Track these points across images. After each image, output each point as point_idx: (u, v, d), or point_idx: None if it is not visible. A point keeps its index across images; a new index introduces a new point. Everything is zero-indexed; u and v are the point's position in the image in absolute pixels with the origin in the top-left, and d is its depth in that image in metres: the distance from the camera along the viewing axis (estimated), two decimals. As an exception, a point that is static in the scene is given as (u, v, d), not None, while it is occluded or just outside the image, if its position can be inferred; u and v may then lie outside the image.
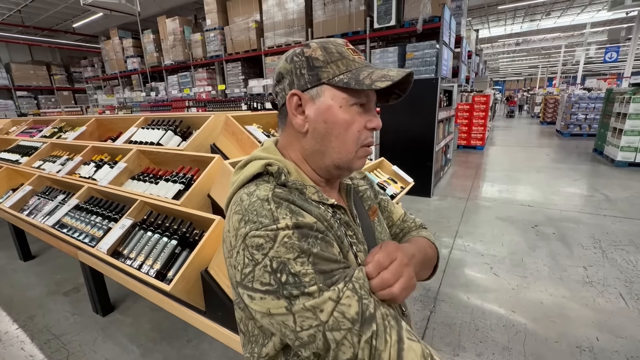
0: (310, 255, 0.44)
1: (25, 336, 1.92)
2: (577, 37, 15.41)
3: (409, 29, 4.37)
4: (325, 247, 0.47)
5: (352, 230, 0.58)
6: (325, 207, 0.55)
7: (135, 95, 8.49)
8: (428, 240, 0.71)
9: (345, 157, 0.56)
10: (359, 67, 0.54)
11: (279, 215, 0.46)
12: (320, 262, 0.44)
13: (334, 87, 0.53)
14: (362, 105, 0.55)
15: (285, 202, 0.49)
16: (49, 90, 11.85)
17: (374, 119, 0.56)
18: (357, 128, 0.54)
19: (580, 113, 8.93)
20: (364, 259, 0.53)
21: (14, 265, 2.81)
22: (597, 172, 5.23)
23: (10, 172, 2.74)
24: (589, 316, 1.93)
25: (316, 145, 0.56)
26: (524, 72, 33.26)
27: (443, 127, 4.80)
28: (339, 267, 0.46)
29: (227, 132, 1.83)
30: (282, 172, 0.54)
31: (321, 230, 0.48)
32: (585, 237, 2.93)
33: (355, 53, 0.56)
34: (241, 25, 5.90)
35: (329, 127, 0.54)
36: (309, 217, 0.48)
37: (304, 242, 0.45)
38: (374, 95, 0.57)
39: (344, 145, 0.55)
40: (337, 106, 0.53)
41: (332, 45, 0.55)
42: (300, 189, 0.54)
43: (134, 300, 2.20)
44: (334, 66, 0.53)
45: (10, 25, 9.77)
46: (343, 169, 0.58)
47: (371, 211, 0.69)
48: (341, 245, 0.53)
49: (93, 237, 1.68)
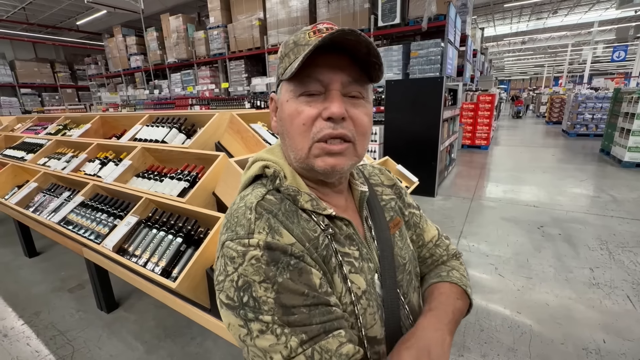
0: (274, 283, 0.41)
1: (31, 332, 1.93)
2: (584, 35, 15.25)
3: (414, 27, 4.34)
4: (296, 275, 0.42)
5: (355, 244, 0.52)
6: (318, 218, 0.50)
7: (138, 93, 8.51)
8: (459, 287, 0.60)
9: (299, 155, 0.49)
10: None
11: (255, 228, 0.44)
12: (284, 293, 0.41)
13: (285, 82, 0.49)
14: (313, 95, 0.47)
15: (267, 215, 0.45)
16: (52, 87, 11.92)
17: (330, 106, 0.45)
18: (302, 120, 0.46)
19: (587, 113, 8.84)
20: (361, 281, 0.49)
21: (19, 261, 2.83)
22: (604, 172, 5.18)
23: (16, 169, 2.76)
24: (595, 318, 1.91)
25: (283, 145, 0.53)
26: (529, 71, 33.01)
27: (447, 126, 4.77)
28: (305, 302, 0.41)
29: (231, 130, 1.83)
30: (278, 175, 0.51)
31: (296, 255, 0.43)
32: (591, 239, 2.90)
33: (316, 34, 0.46)
34: (244, 23, 5.89)
35: (281, 124, 0.51)
36: (286, 237, 0.44)
37: (272, 267, 0.41)
38: (337, 74, 0.46)
39: (293, 142, 0.49)
40: (285, 100, 0.49)
41: (293, 37, 0.49)
42: (294, 195, 0.50)
43: (138, 298, 2.21)
44: (286, 59, 0.48)
45: (15, 22, 9.82)
46: (310, 170, 0.50)
47: (393, 223, 0.61)
48: (325, 267, 0.47)
49: (98, 234, 1.68)
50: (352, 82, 0.47)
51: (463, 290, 0.61)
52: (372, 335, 0.49)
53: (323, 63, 0.45)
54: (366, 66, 0.48)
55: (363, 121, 0.48)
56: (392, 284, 0.53)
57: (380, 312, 0.51)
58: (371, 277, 0.52)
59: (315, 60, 0.45)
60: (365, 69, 0.48)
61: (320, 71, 0.46)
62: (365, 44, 0.44)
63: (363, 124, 0.48)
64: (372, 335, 0.49)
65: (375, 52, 0.45)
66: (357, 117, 0.48)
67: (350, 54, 0.46)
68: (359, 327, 0.48)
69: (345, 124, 0.47)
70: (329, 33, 0.42)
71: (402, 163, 2.42)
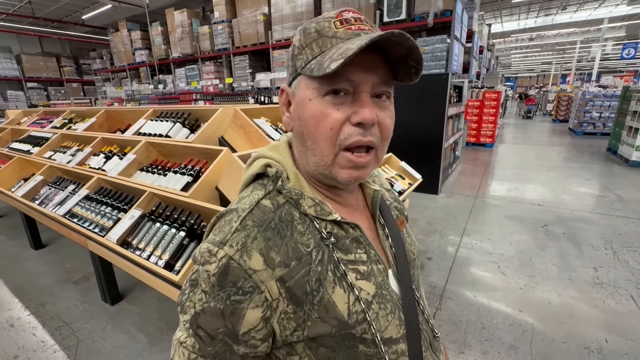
0: (207, 302, 0.42)
1: (37, 322, 1.96)
2: (593, 32, 14.98)
3: (420, 22, 4.29)
4: (227, 311, 0.42)
5: (362, 247, 0.50)
6: (321, 225, 0.48)
7: (143, 87, 8.54)
8: None
9: (322, 162, 0.45)
10: (336, 45, 0.42)
11: (230, 239, 0.43)
12: (206, 315, 0.43)
13: (306, 77, 0.44)
14: (341, 94, 0.43)
15: (251, 231, 0.44)
16: (58, 81, 11.98)
17: (361, 111, 0.42)
18: (330, 124, 0.43)
19: (594, 111, 8.72)
20: (370, 286, 0.47)
21: (25, 253, 2.87)
22: (610, 171, 5.12)
23: (22, 162, 2.79)
24: (598, 317, 1.90)
25: (298, 146, 0.49)
26: (536, 69, 32.59)
27: (452, 123, 4.73)
28: (214, 334, 0.43)
29: (235, 125, 1.83)
30: (280, 176, 0.48)
31: (245, 290, 0.42)
32: (596, 238, 2.88)
33: (344, 25, 0.43)
34: (249, 18, 5.86)
35: (302, 125, 0.46)
36: (255, 261, 0.42)
37: (215, 289, 0.42)
38: (368, 75, 0.43)
39: (317, 146, 0.45)
40: (308, 99, 0.44)
41: (314, 24, 0.45)
42: (296, 199, 0.47)
43: (142, 291, 2.23)
44: (307, 51, 0.44)
45: (21, 16, 9.86)
46: (330, 179, 0.47)
47: (399, 221, 0.61)
48: (316, 285, 0.44)
49: (103, 227, 1.70)
50: (382, 83, 0.44)
51: None
52: (388, 336, 0.48)
53: (355, 61, 0.40)
54: (397, 66, 0.45)
55: (388, 125, 0.46)
56: (407, 282, 0.53)
57: (398, 312, 0.50)
58: (382, 278, 0.50)
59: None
60: (394, 68, 0.45)
61: (352, 70, 0.41)
62: (411, 48, 0.41)
63: (388, 128, 0.46)
64: (388, 336, 0.48)
65: (418, 57, 0.43)
66: (383, 122, 0.45)
67: (384, 52, 0.43)
68: (372, 332, 0.46)
69: (374, 129, 0.45)
70: (377, 35, 0.38)
71: (405, 160, 2.41)
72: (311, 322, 0.44)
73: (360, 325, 0.46)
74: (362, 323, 0.46)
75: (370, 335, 0.46)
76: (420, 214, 3.58)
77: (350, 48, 0.38)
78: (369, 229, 0.55)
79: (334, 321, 0.45)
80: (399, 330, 0.49)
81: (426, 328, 0.54)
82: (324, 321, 0.44)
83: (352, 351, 0.46)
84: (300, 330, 0.44)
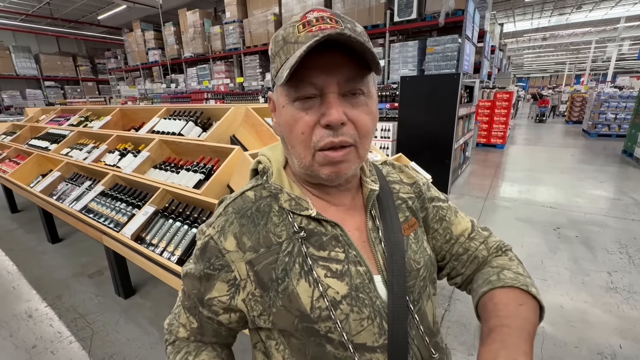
0: (189, 269, 0.53)
1: (54, 314, 2.03)
2: (609, 32, 14.61)
3: (431, 22, 4.26)
4: (204, 279, 0.51)
5: (340, 246, 0.49)
6: (294, 219, 0.50)
7: (155, 86, 8.68)
8: (518, 290, 0.49)
9: (302, 163, 0.47)
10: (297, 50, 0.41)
11: (214, 222, 0.52)
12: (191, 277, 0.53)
13: (278, 85, 0.45)
14: (309, 99, 0.43)
15: (230, 216, 0.51)
16: (74, 80, 12.29)
17: (327, 112, 0.42)
18: (300, 128, 0.44)
19: (609, 112, 8.50)
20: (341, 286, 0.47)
21: (42, 247, 2.96)
22: (625, 174, 4.99)
23: (40, 159, 2.88)
24: (612, 323, 1.86)
25: (285, 149, 0.52)
26: (549, 69, 31.92)
27: (463, 124, 4.68)
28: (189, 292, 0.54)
29: (246, 124, 1.85)
30: (267, 172, 0.54)
31: (215, 267, 0.50)
32: (610, 242, 2.82)
33: (305, 27, 0.42)
34: (260, 18, 5.91)
35: (282, 130, 0.48)
36: (229, 243, 0.49)
37: (199, 257, 0.52)
38: (331, 76, 0.42)
39: (295, 150, 0.47)
40: (282, 106, 0.46)
41: (282, 31, 0.45)
42: (275, 193, 0.51)
43: (154, 285, 2.28)
44: (277, 59, 0.45)
45: (40, 17, 10.15)
46: (314, 177, 0.49)
47: (407, 224, 0.55)
48: (281, 274, 0.47)
49: (117, 223, 1.74)
50: (350, 80, 0.43)
51: (524, 291, 0.49)
52: (361, 342, 0.47)
53: (316, 64, 0.41)
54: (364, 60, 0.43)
55: (364, 122, 0.45)
56: (400, 291, 0.49)
57: (379, 320, 0.47)
58: (360, 281, 0.48)
59: (307, 62, 0.40)
60: (364, 62, 0.43)
61: (313, 74, 0.42)
62: (357, 44, 0.39)
63: (364, 125, 0.45)
64: (361, 342, 0.47)
65: (369, 56, 0.41)
66: (357, 119, 0.44)
67: (345, 49, 0.41)
68: (339, 332, 0.46)
69: (346, 128, 0.44)
70: (314, 39, 0.38)
71: (415, 160, 2.40)
72: (276, 309, 0.47)
73: (325, 322, 0.46)
74: (326, 320, 0.46)
75: (337, 335, 0.46)
76: (429, 215, 3.55)
77: (294, 57, 0.39)
78: (358, 230, 0.53)
79: (296, 312, 0.46)
80: (376, 339, 0.47)
81: (419, 344, 0.50)
82: (287, 310, 0.47)
83: (319, 349, 0.47)
84: (266, 315, 0.48)
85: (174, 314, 0.58)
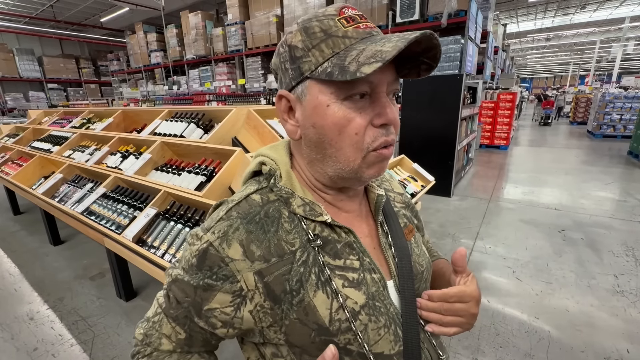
0: (181, 276, 0.47)
1: (55, 316, 2.02)
2: (614, 32, 14.52)
3: (433, 23, 4.24)
4: (200, 290, 0.45)
5: (355, 254, 0.48)
6: (309, 226, 0.46)
7: (157, 88, 8.72)
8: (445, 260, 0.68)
9: (347, 167, 0.44)
10: (351, 45, 0.40)
11: (214, 226, 0.46)
12: (180, 286, 0.47)
13: (319, 81, 0.41)
14: (363, 96, 0.42)
15: (235, 221, 0.45)
16: (77, 82, 12.36)
17: (384, 112, 0.42)
18: (354, 129, 0.41)
19: (614, 113, 8.43)
20: (359, 296, 0.45)
21: (45, 249, 2.96)
22: (631, 175, 4.94)
23: (43, 161, 2.88)
24: (619, 326, 1.83)
25: (312, 153, 0.47)
26: (553, 70, 31.78)
27: (466, 125, 4.65)
28: (181, 302, 0.47)
29: (248, 126, 1.84)
30: (274, 174, 0.48)
31: (219, 276, 0.44)
32: (616, 244, 2.78)
33: (350, 23, 0.41)
34: (262, 20, 5.92)
35: (319, 133, 0.43)
36: (234, 251, 0.43)
37: (194, 268, 0.45)
38: (385, 75, 0.41)
39: (341, 154, 0.43)
40: (325, 105, 0.41)
41: (316, 22, 0.42)
42: (286, 197, 0.47)
43: (155, 288, 2.27)
44: (316, 52, 0.41)
45: (44, 20, 10.23)
46: (351, 179, 0.46)
47: (407, 230, 0.57)
48: (295, 286, 0.44)
49: (119, 225, 1.74)
50: (394, 81, 0.43)
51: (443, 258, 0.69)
52: (379, 352, 0.46)
53: None
54: (405, 62, 0.44)
55: (398, 122, 0.46)
56: (410, 296, 0.49)
57: (394, 327, 0.47)
58: (376, 289, 0.47)
59: None
60: (399, 64, 0.45)
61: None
62: (438, 51, 0.42)
63: (398, 124, 0.46)
64: (379, 351, 0.46)
65: (437, 55, 0.42)
66: (396, 119, 0.45)
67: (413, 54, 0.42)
68: (359, 343, 0.44)
69: (392, 127, 0.44)
70: (404, 39, 0.37)
71: (418, 162, 2.38)
72: (289, 322, 0.44)
73: (344, 334, 0.44)
74: (345, 332, 0.44)
75: (356, 347, 0.45)
76: (433, 217, 3.53)
77: (383, 50, 0.37)
78: (369, 236, 0.52)
79: (313, 325, 0.44)
80: (393, 347, 0.47)
81: (429, 347, 0.51)
82: (302, 323, 0.44)
83: None
84: (277, 327, 0.44)
85: (151, 323, 0.50)
